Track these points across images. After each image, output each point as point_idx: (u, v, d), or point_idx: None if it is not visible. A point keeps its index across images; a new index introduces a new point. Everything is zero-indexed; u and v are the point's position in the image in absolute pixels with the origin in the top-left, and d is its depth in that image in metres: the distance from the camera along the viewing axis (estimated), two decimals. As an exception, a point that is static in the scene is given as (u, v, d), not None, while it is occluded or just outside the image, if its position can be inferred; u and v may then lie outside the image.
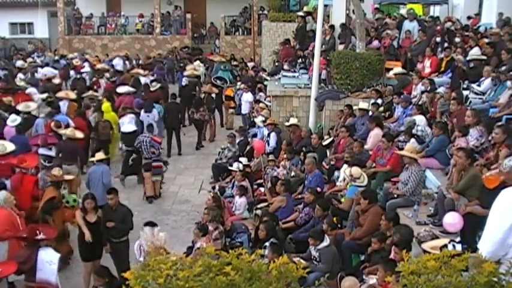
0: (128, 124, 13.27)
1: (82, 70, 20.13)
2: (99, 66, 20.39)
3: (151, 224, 7.58)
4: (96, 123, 13.38)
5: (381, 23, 16.47)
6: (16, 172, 9.50)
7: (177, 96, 16.52)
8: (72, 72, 19.94)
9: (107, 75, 18.89)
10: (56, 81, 17.77)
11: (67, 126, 12.43)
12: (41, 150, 10.89)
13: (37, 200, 8.94)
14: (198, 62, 22.01)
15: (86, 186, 10.35)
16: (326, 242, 7.57)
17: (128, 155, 12.75)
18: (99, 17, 30.03)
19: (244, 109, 16.89)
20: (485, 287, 2.82)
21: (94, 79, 18.29)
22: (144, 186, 12.15)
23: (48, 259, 6.59)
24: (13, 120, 12.09)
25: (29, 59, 23.12)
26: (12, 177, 9.30)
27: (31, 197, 9.01)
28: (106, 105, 14.18)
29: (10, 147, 10.02)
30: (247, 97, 16.79)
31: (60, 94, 14.89)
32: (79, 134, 11.77)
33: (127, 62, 22.67)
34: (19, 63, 21.25)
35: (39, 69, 19.82)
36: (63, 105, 14.06)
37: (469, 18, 17.64)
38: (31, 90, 15.73)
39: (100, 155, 10.62)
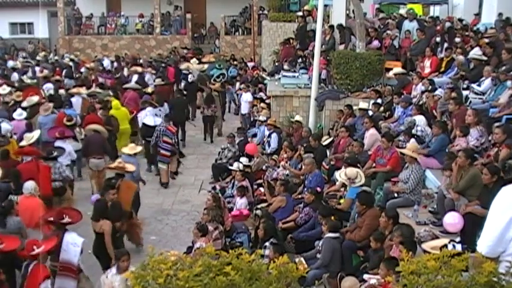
0: (148, 117, 13.63)
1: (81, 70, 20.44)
2: (90, 65, 20.81)
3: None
4: (108, 119, 13.51)
5: (384, 23, 16.48)
6: (24, 161, 9.91)
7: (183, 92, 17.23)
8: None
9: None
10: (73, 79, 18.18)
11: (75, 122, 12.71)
12: (58, 143, 11.11)
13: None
14: (194, 59, 22.13)
15: None
16: (335, 234, 7.59)
17: (147, 145, 13.08)
18: (99, 17, 30.00)
19: (244, 109, 16.92)
20: (485, 287, 2.82)
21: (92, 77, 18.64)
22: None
23: (72, 241, 7.03)
24: (19, 114, 12.52)
25: (20, 59, 23.64)
26: (19, 166, 9.58)
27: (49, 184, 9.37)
28: (115, 102, 14.35)
29: (36, 134, 10.70)
30: (246, 97, 16.82)
31: (72, 91, 15.29)
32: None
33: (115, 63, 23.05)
34: (11, 63, 21.78)
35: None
36: (76, 102, 14.36)
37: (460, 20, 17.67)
38: (47, 86, 16.21)
39: (134, 148, 10.97)
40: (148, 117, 13.68)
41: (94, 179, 11.71)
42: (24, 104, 13.41)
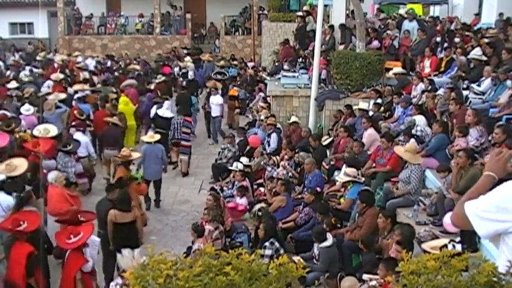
0: (166, 110, 14.13)
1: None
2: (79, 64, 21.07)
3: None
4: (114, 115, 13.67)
5: (384, 23, 16.48)
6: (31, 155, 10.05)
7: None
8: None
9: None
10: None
11: (88, 116, 13.13)
12: (76, 135, 11.47)
13: None
14: (188, 57, 22.18)
15: (141, 163, 11.10)
16: (328, 242, 7.58)
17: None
18: (99, 17, 30.02)
19: (215, 112, 15.90)
20: (485, 287, 2.82)
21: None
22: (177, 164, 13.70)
23: (90, 242, 7.06)
24: (27, 109, 12.92)
25: (12, 58, 24.04)
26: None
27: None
28: (124, 99, 14.69)
29: (53, 131, 10.86)
30: (216, 100, 15.89)
31: (77, 87, 15.65)
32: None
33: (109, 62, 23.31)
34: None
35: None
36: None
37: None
38: (48, 83, 16.45)
39: (153, 136, 11.50)
40: (167, 110, 14.16)
41: (107, 166, 12.22)
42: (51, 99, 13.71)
